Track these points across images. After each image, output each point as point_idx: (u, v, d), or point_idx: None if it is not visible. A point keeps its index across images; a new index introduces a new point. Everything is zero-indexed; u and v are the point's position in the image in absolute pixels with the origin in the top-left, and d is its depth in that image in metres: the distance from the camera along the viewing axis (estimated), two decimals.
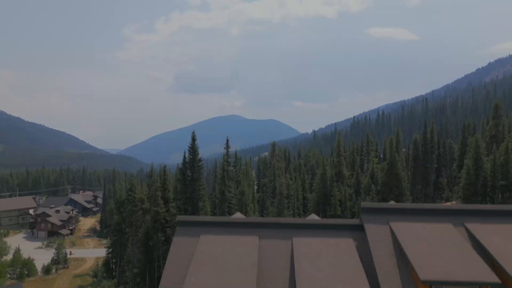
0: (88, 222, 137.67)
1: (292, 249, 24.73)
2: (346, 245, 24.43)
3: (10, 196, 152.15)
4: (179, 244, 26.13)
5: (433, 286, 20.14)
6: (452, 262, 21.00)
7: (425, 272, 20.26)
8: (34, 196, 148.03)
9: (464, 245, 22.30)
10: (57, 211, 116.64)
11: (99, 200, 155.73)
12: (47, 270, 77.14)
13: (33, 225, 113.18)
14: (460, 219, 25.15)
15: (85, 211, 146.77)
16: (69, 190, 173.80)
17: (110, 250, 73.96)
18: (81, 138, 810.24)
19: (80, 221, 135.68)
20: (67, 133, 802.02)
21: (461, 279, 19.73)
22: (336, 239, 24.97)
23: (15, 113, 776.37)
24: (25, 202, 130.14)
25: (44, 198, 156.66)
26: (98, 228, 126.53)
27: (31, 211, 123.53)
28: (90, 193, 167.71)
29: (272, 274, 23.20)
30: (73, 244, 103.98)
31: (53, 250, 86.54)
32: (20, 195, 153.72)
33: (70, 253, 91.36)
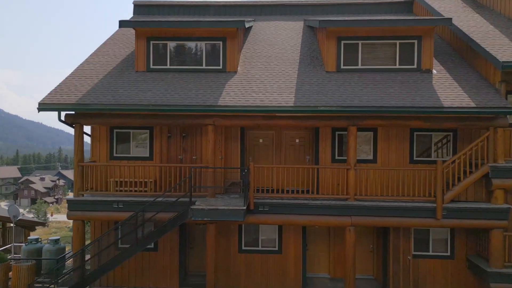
0: None
1: (303, 30, 16.23)
2: None
3: None
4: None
5: None
6: None
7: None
8: (19, 167, 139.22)
9: None
10: (42, 179, 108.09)
11: None
12: None
13: (17, 195, 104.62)
14: None
15: None
16: (59, 168, 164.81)
17: None
18: None
19: (68, 194, 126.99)
20: (66, 131, 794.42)
21: None
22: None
23: (13, 111, 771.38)
24: (9, 171, 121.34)
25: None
26: None
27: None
28: None
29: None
30: (58, 211, 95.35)
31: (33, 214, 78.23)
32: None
33: (52, 214, 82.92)
